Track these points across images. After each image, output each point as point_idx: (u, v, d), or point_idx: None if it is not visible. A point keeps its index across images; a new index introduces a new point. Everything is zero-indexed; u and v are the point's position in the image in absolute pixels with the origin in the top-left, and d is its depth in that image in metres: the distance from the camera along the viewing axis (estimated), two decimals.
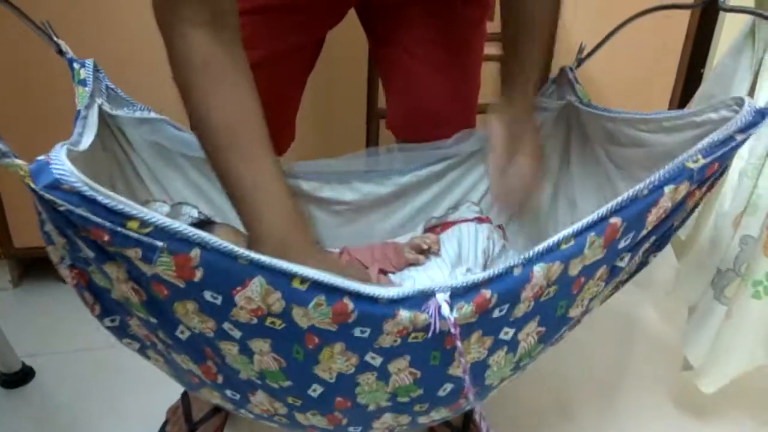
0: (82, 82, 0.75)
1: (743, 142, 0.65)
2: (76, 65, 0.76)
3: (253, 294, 0.56)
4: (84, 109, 0.73)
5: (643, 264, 0.78)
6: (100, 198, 0.49)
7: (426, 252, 0.88)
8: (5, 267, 1.36)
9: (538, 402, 1.11)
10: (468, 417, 0.97)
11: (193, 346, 0.63)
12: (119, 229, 0.50)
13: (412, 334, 0.61)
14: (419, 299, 0.58)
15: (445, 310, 0.57)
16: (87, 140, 0.64)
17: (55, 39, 0.74)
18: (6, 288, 1.37)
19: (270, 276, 0.55)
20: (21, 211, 1.25)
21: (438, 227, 1.00)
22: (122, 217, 0.50)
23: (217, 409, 1.02)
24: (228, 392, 0.69)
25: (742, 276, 0.91)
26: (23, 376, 1.12)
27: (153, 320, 0.61)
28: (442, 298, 0.57)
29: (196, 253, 0.53)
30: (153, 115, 0.82)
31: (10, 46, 1.12)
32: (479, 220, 0.99)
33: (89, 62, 0.77)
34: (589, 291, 0.70)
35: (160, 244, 0.51)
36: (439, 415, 0.76)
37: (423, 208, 0.99)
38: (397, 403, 0.70)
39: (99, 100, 0.77)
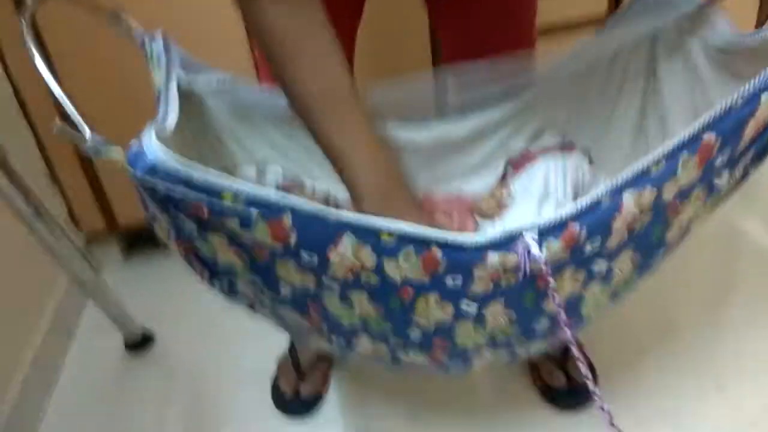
0: (157, 61, 0.76)
1: None
2: (146, 42, 0.76)
3: (345, 250, 0.58)
4: (164, 87, 0.73)
5: (744, 176, 0.74)
6: (195, 176, 0.52)
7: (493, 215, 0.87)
8: (114, 242, 1.46)
9: (639, 325, 1.10)
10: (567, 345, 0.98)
11: (296, 301, 0.67)
12: (216, 201, 0.53)
13: (504, 278, 0.61)
14: (507, 241, 0.58)
15: (535, 249, 0.57)
16: (172, 117, 0.67)
17: (124, 18, 0.75)
18: (118, 261, 1.48)
19: (358, 232, 0.57)
20: (121, 187, 1.30)
21: (522, 159, 0.97)
22: (217, 191, 0.53)
23: (322, 358, 1.08)
24: (333, 337, 0.73)
25: None
26: (144, 340, 1.22)
27: (258, 280, 0.65)
28: (529, 236, 0.57)
29: (288, 216, 0.55)
30: (231, 79, 0.83)
31: (83, 38, 1.15)
32: (564, 145, 0.96)
33: (158, 36, 0.77)
34: (687, 213, 0.67)
35: (254, 211, 0.54)
36: (537, 347, 0.77)
37: (503, 143, 0.96)
38: (495, 342, 0.72)
39: (175, 73, 0.77)
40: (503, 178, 0.96)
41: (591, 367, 1.03)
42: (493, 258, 0.58)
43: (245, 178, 0.87)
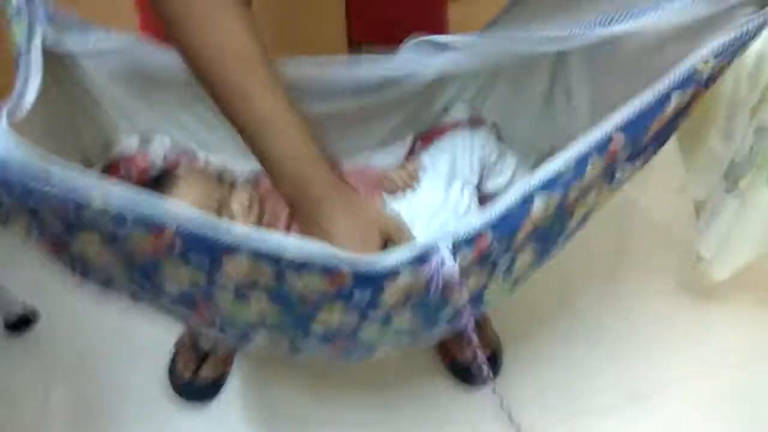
0: (16, 13, 0.64)
1: (761, 29, 0.59)
2: None
3: (241, 264, 0.53)
4: (25, 47, 0.63)
5: (644, 164, 0.75)
6: (56, 180, 0.45)
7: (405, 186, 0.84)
8: None
9: (540, 297, 1.13)
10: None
11: (183, 297, 0.62)
12: (84, 206, 0.47)
13: (415, 288, 0.58)
14: (420, 257, 0.55)
15: (449, 262, 0.55)
16: (32, 90, 0.58)
17: None
18: None
19: (255, 254, 0.52)
20: None
21: (430, 133, 0.95)
22: (84, 199, 0.46)
23: None
24: (227, 329, 0.69)
25: (757, 166, 0.87)
26: (26, 319, 1.12)
27: (138, 277, 0.58)
28: (444, 249, 0.55)
29: (169, 230, 0.49)
30: (113, 37, 0.72)
31: None
32: (472, 121, 0.94)
33: None
34: (587, 204, 0.67)
35: (129, 222, 0.48)
36: (440, 333, 0.77)
37: (411, 115, 0.93)
38: (399, 335, 0.70)
39: (40, 30, 0.66)
40: (411, 152, 0.93)
41: (495, 336, 1.06)
42: (405, 275, 0.56)
43: (127, 150, 0.79)
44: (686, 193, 1.01)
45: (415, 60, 0.77)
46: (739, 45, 0.59)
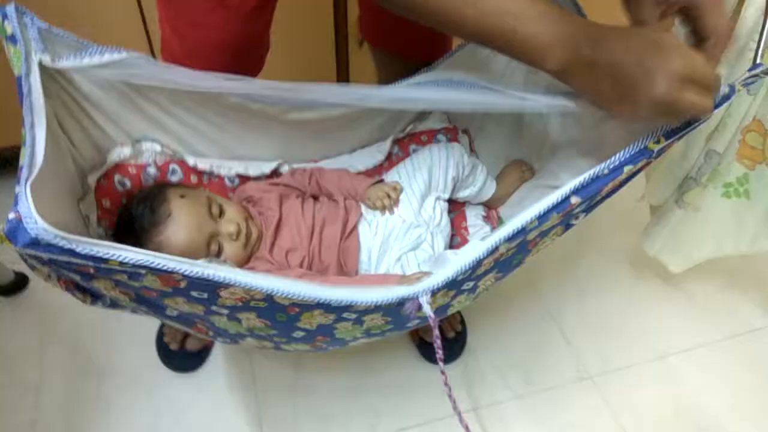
0: (11, 39, 0.65)
1: (708, 119, 0.64)
2: None
3: (235, 290, 0.60)
4: (24, 75, 0.65)
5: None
6: (78, 249, 0.51)
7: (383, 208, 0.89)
8: None
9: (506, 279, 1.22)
10: None
11: (183, 319, 0.69)
12: (102, 265, 0.53)
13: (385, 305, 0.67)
14: (401, 300, 0.64)
15: (426, 308, 0.64)
16: (40, 135, 0.61)
17: None
18: None
19: (249, 287, 0.59)
20: None
21: (407, 138, 1.00)
22: (103, 260, 0.52)
23: None
24: (219, 339, 0.78)
25: (702, 185, 0.97)
26: (17, 284, 1.16)
27: (143, 308, 0.66)
28: (424, 300, 0.64)
29: (178, 274, 0.56)
30: (105, 55, 0.72)
31: None
32: (447, 130, 1.00)
33: (10, 8, 0.65)
34: (544, 243, 0.76)
35: (143, 272, 0.54)
36: (407, 330, 0.86)
37: (391, 120, 0.98)
38: (370, 334, 0.79)
39: (37, 57, 0.68)
40: (389, 157, 0.99)
41: (461, 318, 1.16)
42: (381, 308, 0.65)
43: (120, 158, 0.83)
44: (644, 201, 1.09)
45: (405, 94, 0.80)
46: (689, 127, 0.64)
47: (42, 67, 0.68)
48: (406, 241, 0.85)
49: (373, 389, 1.07)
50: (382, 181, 0.92)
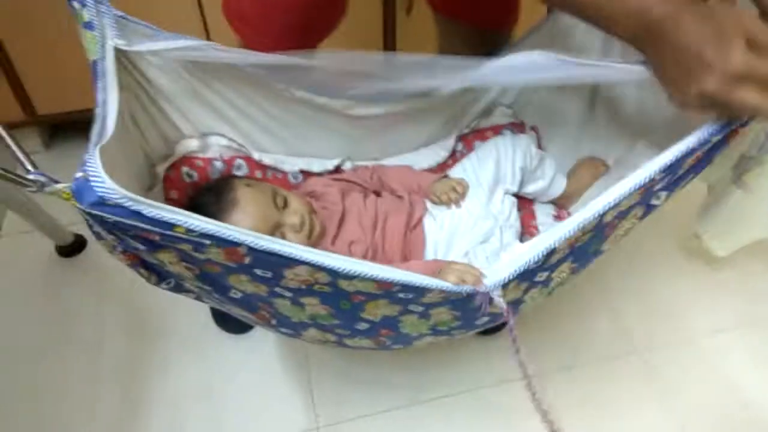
0: (88, 25, 0.67)
1: None
2: (75, 4, 0.67)
3: (300, 271, 0.58)
4: (100, 59, 0.67)
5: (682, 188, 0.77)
6: (145, 211, 0.50)
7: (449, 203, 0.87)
8: (34, 133, 1.40)
9: None
10: None
11: (246, 302, 0.68)
12: (168, 232, 0.52)
13: (455, 296, 0.64)
14: (471, 292, 0.62)
15: (498, 301, 0.61)
16: (112, 109, 0.62)
17: None
18: (39, 152, 1.41)
19: (314, 265, 0.57)
20: (38, 77, 1.26)
21: (471, 135, 0.98)
22: (169, 225, 0.51)
23: None
24: (282, 329, 0.75)
25: (764, 164, 0.90)
26: (77, 245, 1.19)
27: (207, 287, 0.64)
28: (495, 294, 0.61)
29: (243, 247, 0.54)
30: (179, 42, 0.73)
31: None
32: (513, 125, 0.97)
33: None
34: (623, 227, 0.70)
35: (207, 242, 0.53)
36: (476, 330, 0.82)
37: (455, 116, 0.96)
38: (437, 331, 0.75)
39: (111, 41, 0.69)
40: (453, 154, 0.97)
41: None
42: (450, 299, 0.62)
43: (187, 150, 0.84)
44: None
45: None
46: None
47: (117, 53, 0.69)
48: (474, 235, 0.82)
49: (419, 356, 1.06)
50: (446, 176, 0.90)
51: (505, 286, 0.63)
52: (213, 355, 1.06)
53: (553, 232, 0.61)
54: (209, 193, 0.80)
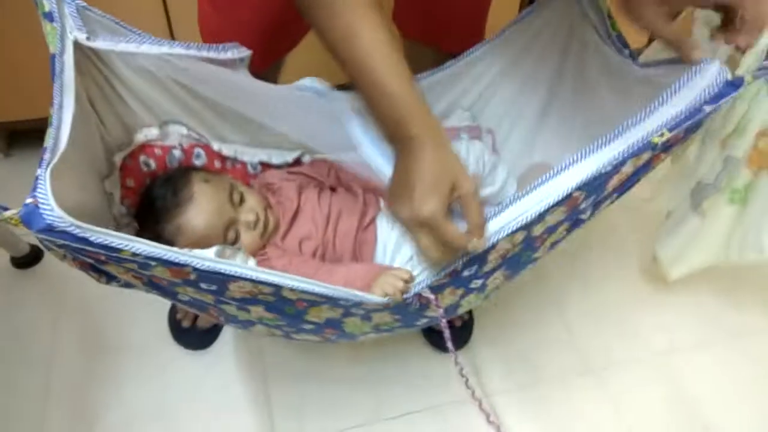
0: (48, 16, 0.67)
1: (714, 112, 0.63)
2: None
3: (244, 284, 0.62)
4: (59, 53, 0.67)
5: (610, 204, 0.80)
6: (92, 238, 0.52)
7: None
8: None
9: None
10: None
11: (195, 304, 0.71)
12: (114, 255, 0.55)
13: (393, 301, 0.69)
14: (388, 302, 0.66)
15: (427, 293, 0.67)
16: (67, 117, 0.63)
17: None
18: None
19: (259, 281, 0.60)
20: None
21: None
22: (116, 249, 0.54)
23: None
24: (231, 324, 0.80)
25: (721, 190, 0.94)
26: (33, 256, 1.17)
27: (155, 291, 0.68)
28: (426, 293, 0.66)
29: (188, 267, 0.57)
30: (143, 48, 0.75)
31: None
32: (470, 129, 0.99)
33: None
34: (553, 238, 0.75)
35: (153, 263, 0.56)
36: (416, 329, 0.87)
37: None
38: (379, 330, 0.80)
39: (72, 35, 0.69)
40: None
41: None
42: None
43: (146, 138, 0.85)
44: (654, 201, 1.07)
45: None
46: (692, 117, 0.63)
47: (76, 45, 0.70)
48: None
49: (379, 374, 1.08)
50: None
51: (434, 289, 0.68)
52: (170, 371, 1.06)
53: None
54: (166, 186, 0.82)
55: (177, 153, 0.88)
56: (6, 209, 0.51)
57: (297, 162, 0.95)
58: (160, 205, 0.80)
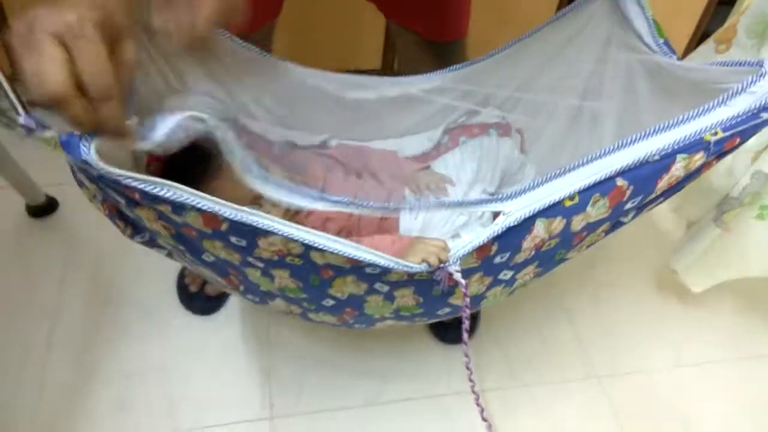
0: None
1: None
2: None
3: (275, 240, 0.60)
4: None
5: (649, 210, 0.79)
6: (127, 182, 0.51)
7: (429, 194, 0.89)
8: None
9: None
10: None
11: (218, 266, 0.69)
12: (151, 190, 0.53)
13: (418, 275, 0.66)
14: (432, 271, 0.62)
15: (457, 277, 0.61)
16: None
17: None
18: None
19: (290, 238, 0.58)
20: None
21: (457, 130, 0.99)
22: (153, 184, 0.52)
23: None
24: (249, 296, 0.77)
25: (745, 205, 0.93)
26: (48, 206, 1.17)
27: (181, 247, 0.65)
28: (453, 269, 0.61)
29: (221, 216, 0.56)
30: None
31: None
32: (499, 126, 0.99)
33: None
34: (589, 240, 0.73)
35: (188, 207, 0.54)
36: (437, 318, 0.85)
37: (444, 109, 0.97)
38: (399, 315, 0.78)
39: None
40: (437, 146, 0.98)
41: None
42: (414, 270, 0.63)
43: (176, 107, 0.84)
44: (674, 213, 1.07)
45: None
46: (748, 122, 0.61)
47: None
48: (446, 229, 0.84)
49: (381, 362, 1.07)
50: (429, 167, 0.91)
51: (464, 273, 0.64)
52: (174, 332, 1.06)
53: (507, 218, 0.62)
54: (196, 153, 0.80)
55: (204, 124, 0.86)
56: (48, 129, 0.49)
57: (323, 145, 0.94)
58: (188, 171, 0.79)
